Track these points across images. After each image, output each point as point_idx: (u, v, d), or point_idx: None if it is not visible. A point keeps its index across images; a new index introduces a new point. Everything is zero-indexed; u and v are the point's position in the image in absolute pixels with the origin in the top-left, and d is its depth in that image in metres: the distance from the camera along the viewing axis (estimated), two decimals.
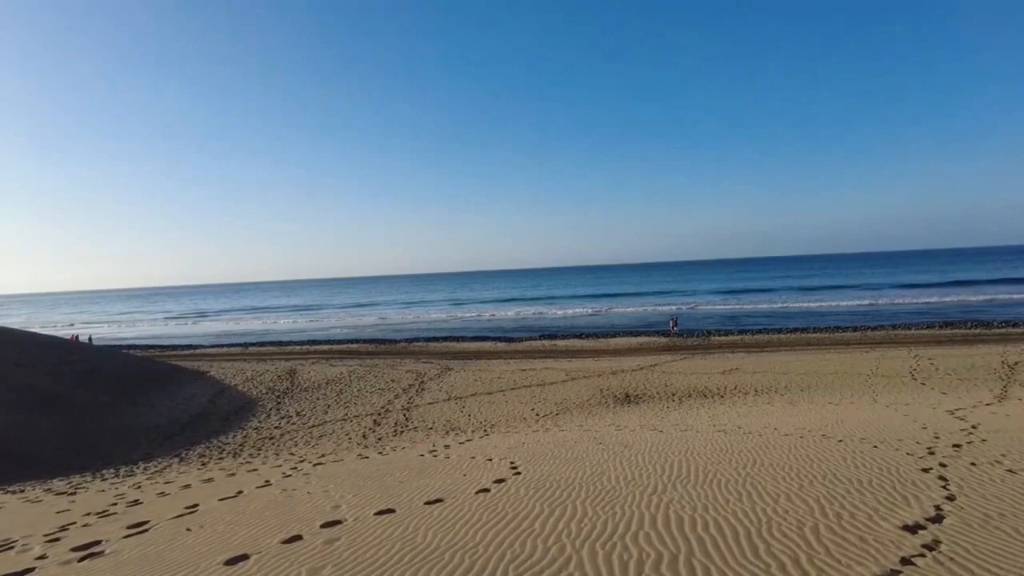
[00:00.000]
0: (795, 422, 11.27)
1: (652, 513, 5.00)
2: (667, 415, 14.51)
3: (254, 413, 19.92)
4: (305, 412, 19.31)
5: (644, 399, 17.88)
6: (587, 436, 11.20)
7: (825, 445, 7.80)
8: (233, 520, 5.93)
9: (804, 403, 15.12)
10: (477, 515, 5.33)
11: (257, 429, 17.92)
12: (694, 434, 10.19)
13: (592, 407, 17.24)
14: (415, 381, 22.18)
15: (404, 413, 17.87)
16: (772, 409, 14.18)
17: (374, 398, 20.14)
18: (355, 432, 16.32)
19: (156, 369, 28.32)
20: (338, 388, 22.14)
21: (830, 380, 18.64)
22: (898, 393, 15.85)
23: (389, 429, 16.32)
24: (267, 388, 23.19)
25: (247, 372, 27.03)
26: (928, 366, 19.60)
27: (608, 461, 7.60)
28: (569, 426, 13.81)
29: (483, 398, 19.01)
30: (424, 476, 7.57)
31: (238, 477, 9.92)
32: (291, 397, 21.48)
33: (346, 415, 18.40)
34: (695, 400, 17.16)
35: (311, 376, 24.76)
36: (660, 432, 10.81)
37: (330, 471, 9.14)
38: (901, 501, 4.84)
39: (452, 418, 16.85)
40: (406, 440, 14.58)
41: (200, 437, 17.69)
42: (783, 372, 20.28)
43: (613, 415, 15.48)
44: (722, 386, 18.78)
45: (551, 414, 16.50)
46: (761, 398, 16.77)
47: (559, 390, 19.54)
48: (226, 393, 22.91)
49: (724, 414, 13.76)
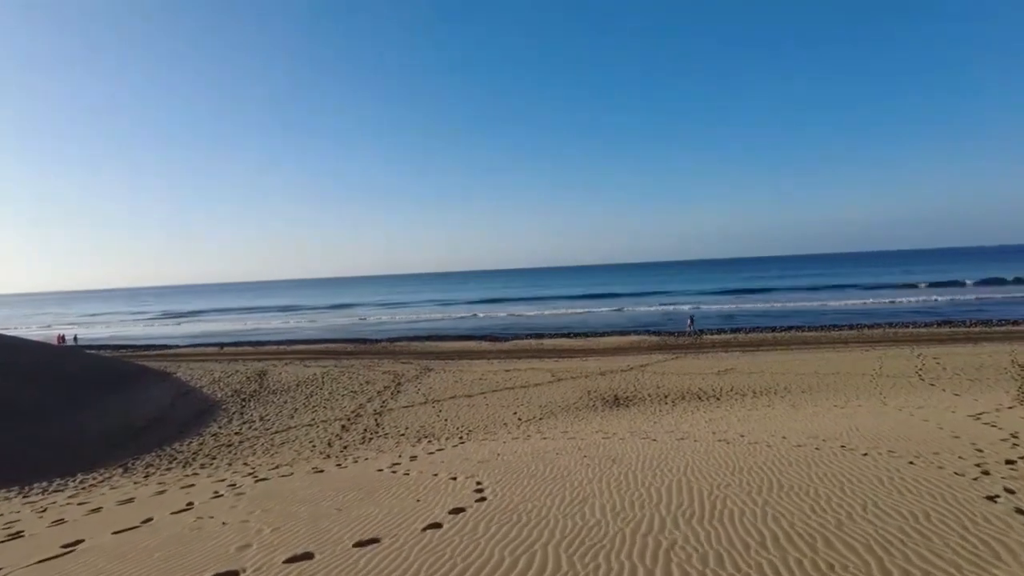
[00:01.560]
0: (803, 429, 10.06)
1: (649, 567, 3.70)
2: (660, 420, 13.26)
3: (216, 417, 18.44)
4: (270, 416, 17.87)
5: (634, 401, 16.63)
6: (571, 445, 9.92)
7: (850, 460, 6.56)
8: (103, 569, 4.57)
9: (808, 406, 13.94)
10: (416, 565, 4.01)
11: (216, 435, 16.47)
12: (692, 444, 8.93)
13: (578, 410, 15.97)
14: (391, 383, 20.79)
15: (376, 418, 16.48)
16: (774, 413, 12.97)
17: (345, 401, 18.73)
18: (320, 439, 14.92)
19: (120, 370, 26.69)
20: (309, 390, 20.70)
21: (832, 381, 17.51)
22: (908, 395, 14.72)
23: (357, 436, 14.93)
24: (234, 390, 21.71)
25: (216, 373, 25.52)
26: (934, 365, 18.53)
27: (593, 482, 6.31)
28: (552, 432, 12.52)
29: (462, 401, 17.66)
30: (370, 501, 6.24)
31: (166, 496, 8.53)
32: (258, 400, 20.02)
33: (313, 420, 16.99)
34: (689, 403, 15.94)
35: (282, 377, 23.29)
36: (654, 441, 9.54)
37: (269, 490, 7.78)
38: (986, 551, 3.59)
39: (427, 423, 15.49)
40: (373, 449, 13.21)
41: (153, 444, 16.21)
42: (781, 372, 19.13)
43: (601, 420, 14.21)
44: (717, 387, 17.58)
45: (534, 418, 15.19)
46: (760, 400, 15.58)
47: (544, 392, 18.25)
48: (189, 396, 21.41)
49: (722, 419, 12.53)
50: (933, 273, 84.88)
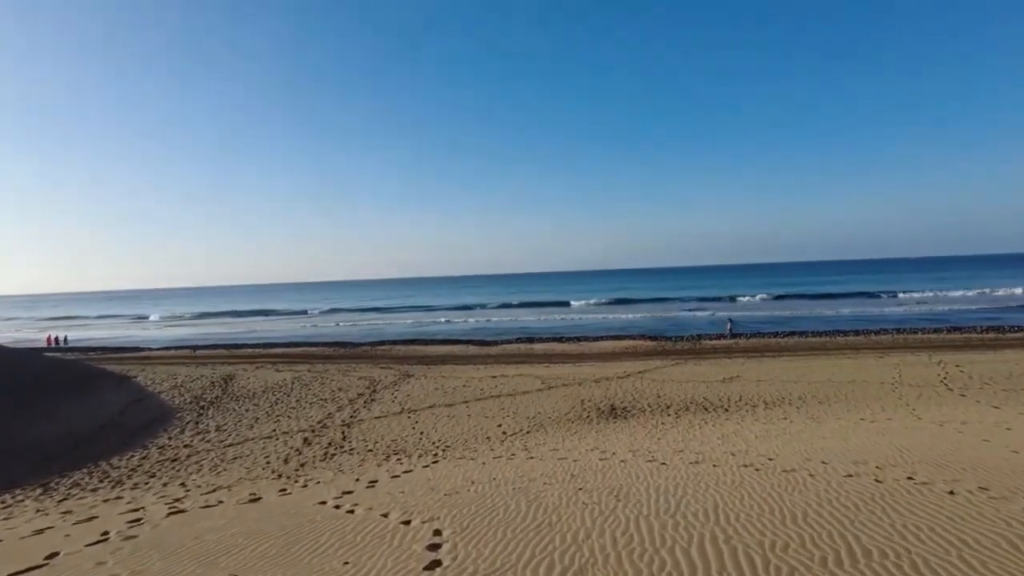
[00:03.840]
0: (840, 449, 8.40)
1: None
2: (664, 435, 11.57)
3: (168, 426, 16.55)
4: (227, 427, 16.01)
5: (633, 412, 14.93)
6: (562, 469, 8.20)
7: (936, 502, 4.89)
8: None
9: (830, 419, 12.32)
10: None
11: (163, 448, 14.58)
12: (711, 470, 7.24)
13: (571, 423, 14.24)
14: (366, 390, 18.97)
15: (343, 430, 14.67)
16: (795, 428, 11.33)
17: (313, 411, 16.89)
18: (277, 454, 13.09)
19: (75, 374, 24.67)
20: (275, 398, 18.85)
21: (849, 390, 15.90)
22: (940, 407, 13.12)
23: (319, 451, 13.11)
24: (194, 396, 19.82)
25: (179, 377, 23.61)
26: (958, 374, 16.99)
27: (592, 535, 4.60)
28: (541, 450, 10.80)
29: (442, 411, 15.88)
30: (281, 562, 4.48)
31: (43, 538, 6.69)
32: (218, 408, 18.14)
33: (274, 431, 15.15)
34: (695, 415, 14.26)
35: (249, 383, 21.42)
36: (663, 465, 7.84)
37: (169, 533, 6.00)
38: None
39: (399, 437, 13.70)
40: (333, 467, 11.41)
41: (91, 457, 14.28)
42: (792, 380, 17.51)
43: (596, 434, 12.49)
44: (724, 397, 15.93)
45: (521, 432, 13.44)
46: (774, 412, 13.93)
47: (533, 401, 16.51)
48: (144, 402, 19.49)
49: (737, 435, 10.86)
50: (925, 282, 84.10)
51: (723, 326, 34.17)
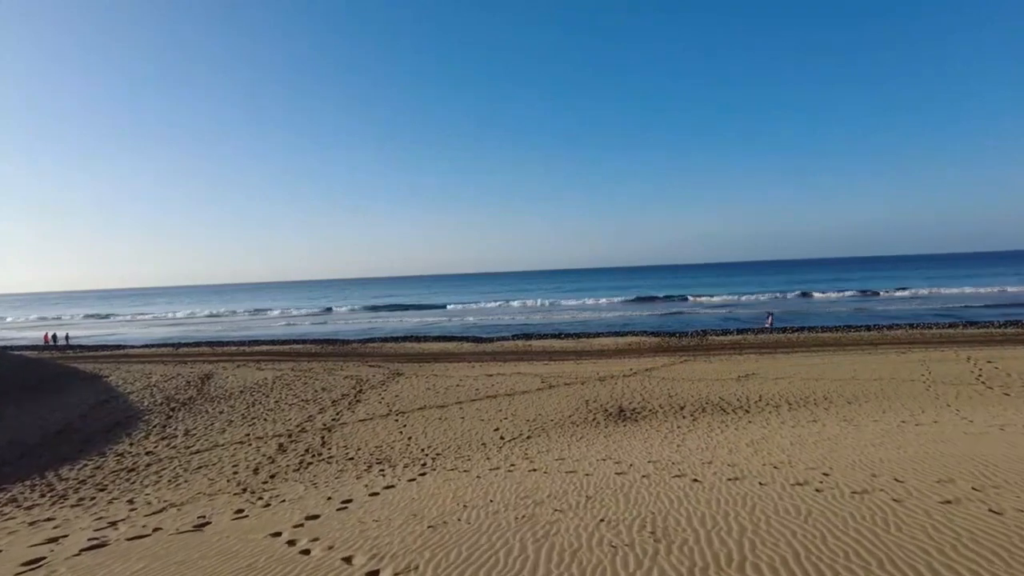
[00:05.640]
0: (899, 461, 7.02)
1: None
2: (683, 441, 10.19)
3: (132, 430, 15.07)
4: (197, 431, 14.54)
5: (644, 415, 13.55)
6: (573, 487, 6.80)
7: None
8: None
9: (866, 421, 10.97)
10: None
11: (122, 455, 13.10)
12: (757, 489, 5.85)
13: (576, 426, 12.84)
14: (352, 390, 17.51)
15: (323, 435, 13.22)
16: (829, 432, 9.96)
17: (292, 413, 15.44)
18: (247, 462, 11.65)
19: (42, 374, 23.17)
20: (253, 398, 17.38)
21: (878, 388, 14.57)
22: (987, 408, 11.80)
23: (294, 459, 11.67)
24: (167, 397, 18.33)
25: (154, 376, 22.13)
26: (993, 370, 15.70)
27: None
28: (544, 459, 9.40)
29: (433, 413, 14.45)
30: None
31: None
32: (189, 409, 16.66)
33: (247, 436, 13.69)
34: (713, 416, 12.88)
35: (227, 382, 19.94)
36: (696, 484, 6.45)
37: None
38: None
39: (385, 442, 12.26)
40: (306, 479, 9.98)
41: (40, 466, 12.79)
42: (813, 378, 16.17)
43: (606, 440, 11.10)
44: (742, 397, 14.57)
45: (520, 437, 12.03)
46: (801, 413, 12.57)
47: (533, 402, 15.10)
48: (111, 403, 17.98)
49: (767, 440, 9.49)
50: (931, 280, 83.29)
51: (763, 319, 33.65)
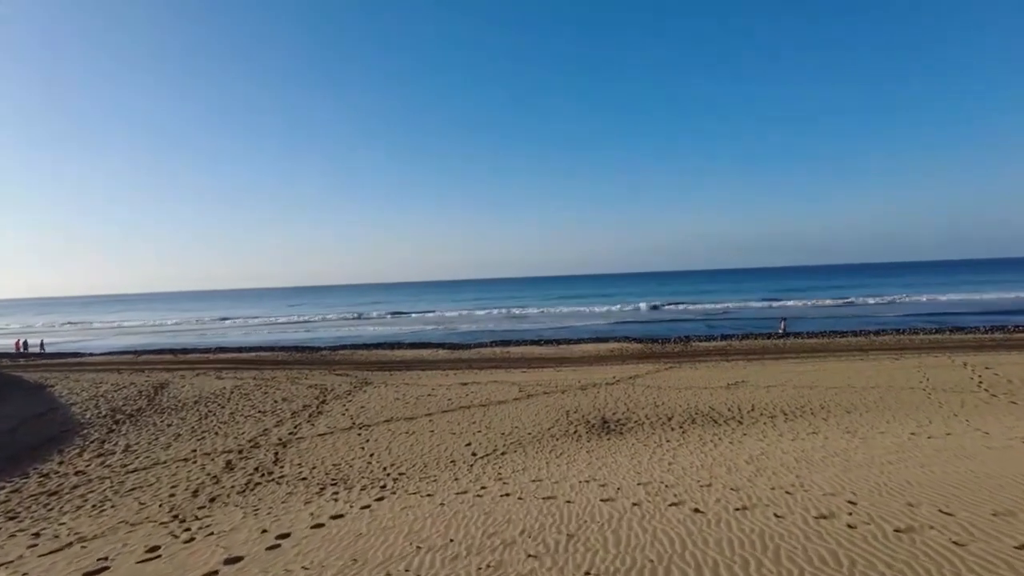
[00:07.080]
0: (930, 484, 6.07)
1: None
2: (675, 458, 9.16)
3: (67, 446, 13.59)
4: (139, 447, 13.12)
5: (629, 426, 12.50)
6: (551, 520, 5.70)
7: None
8: None
9: (873, 434, 10.06)
10: None
11: (46, 476, 11.64)
12: (774, 523, 4.82)
13: (555, 439, 11.74)
14: (314, 400, 16.20)
15: (277, 451, 11.93)
16: (834, 446, 9.02)
17: (247, 425, 14.10)
18: (188, 483, 10.32)
19: None
20: (207, 409, 15.98)
21: (876, 397, 13.75)
22: (997, 417, 10.99)
23: (241, 479, 10.38)
24: (112, 408, 16.82)
25: (104, 386, 20.55)
26: (993, 377, 15.02)
27: None
28: (519, 480, 8.29)
29: (400, 426, 13.23)
30: None
31: None
32: (135, 422, 15.20)
33: (194, 452, 12.33)
34: (704, 428, 11.89)
35: (182, 392, 18.47)
36: (698, 515, 5.40)
37: None
38: None
39: (344, 459, 11.03)
40: (248, 505, 8.72)
41: None
42: (806, 386, 15.32)
43: (588, 456, 10.03)
44: (733, 406, 13.63)
45: (494, 452, 10.89)
46: (798, 424, 11.65)
47: (509, 412, 13.98)
48: (48, 416, 16.42)
49: (768, 456, 8.51)
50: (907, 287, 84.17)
51: (776, 324, 33.06)
